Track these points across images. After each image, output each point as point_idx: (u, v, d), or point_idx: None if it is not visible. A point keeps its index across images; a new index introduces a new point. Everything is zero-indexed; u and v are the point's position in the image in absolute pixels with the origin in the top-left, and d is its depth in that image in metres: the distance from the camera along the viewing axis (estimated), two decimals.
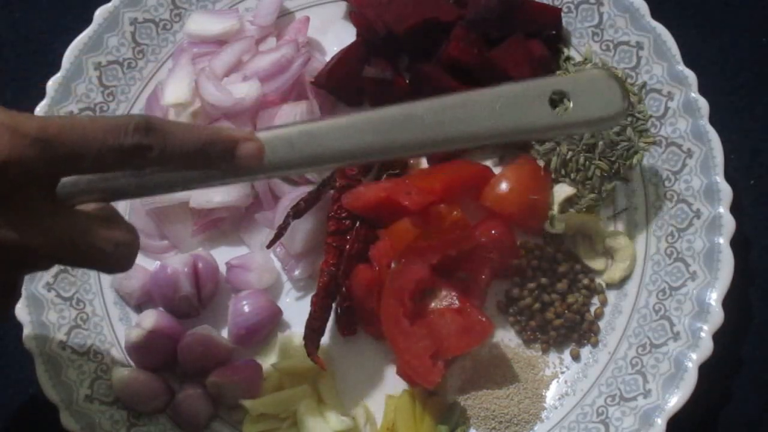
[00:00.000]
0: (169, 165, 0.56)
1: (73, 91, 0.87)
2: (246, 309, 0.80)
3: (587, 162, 0.82)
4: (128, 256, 0.57)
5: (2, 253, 0.50)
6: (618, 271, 0.80)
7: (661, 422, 0.74)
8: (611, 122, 0.65)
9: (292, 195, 0.83)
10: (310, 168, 0.73)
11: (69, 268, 0.81)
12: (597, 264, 0.81)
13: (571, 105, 0.63)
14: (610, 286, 0.81)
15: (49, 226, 0.51)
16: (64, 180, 0.55)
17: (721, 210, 0.78)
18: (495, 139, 0.65)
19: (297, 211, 0.81)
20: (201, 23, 0.89)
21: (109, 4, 0.88)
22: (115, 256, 0.55)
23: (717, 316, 0.76)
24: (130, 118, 0.53)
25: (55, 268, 0.82)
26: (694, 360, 0.75)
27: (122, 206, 0.86)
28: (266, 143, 0.59)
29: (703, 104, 0.80)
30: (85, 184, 0.56)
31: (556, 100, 0.63)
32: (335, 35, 0.90)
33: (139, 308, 0.83)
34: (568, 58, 0.85)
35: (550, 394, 0.79)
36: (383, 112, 0.63)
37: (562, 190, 0.82)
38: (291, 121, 0.79)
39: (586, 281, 0.80)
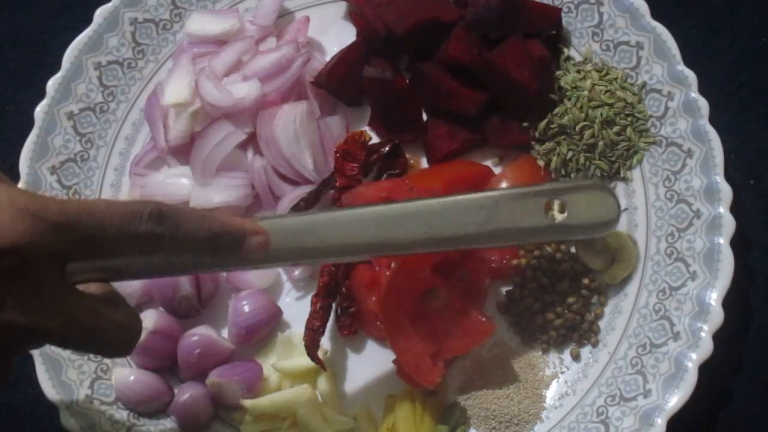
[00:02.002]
0: (178, 252, 0.56)
1: (73, 91, 0.87)
2: (246, 309, 0.80)
3: (587, 162, 0.82)
4: (130, 340, 0.56)
5: (8, 334, 0.49)
6: (618, 271, 0.80)
7: (661, 422, 0.74)
8: (604, 230, 0.70)
9: (292, 195, 0.83)
10: (315, 260, 0.74)
11: None
12: (597, 264, 0.80)
13: (566, 213, 0.67)
14: (611, 286, 0.81)
15: (59, 308, 0.51)
16: None
17: (721, 210, 0.78)
18: (492, 243, 0.69)
19: (297, 211, 0.81)
20: (201, 23, 0.89)
21: (109, 4, 0.89)
22: (118, 341, 0.55)
23: (717, 316, 0.76)
24: (144, 205, 0.53)
25: None
26: (694, 360, 0.75)
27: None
28: (273, 233, 0.61)
29: (703, 104, 0.80)
30: (89, 264, 0.56)
31: (552, 207, 0.67)
32: (335, 35, 0.90)
33: (139, 308, 0.83)
34: (568, 58, 0.85)
35: (550, 394, 0.79)
36: (386, 209, 0.65)
37: None
38: (294, 213, 0.80)
39: (586, 281, 0.80)
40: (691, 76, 0.81)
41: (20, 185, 0.84)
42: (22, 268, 0.48)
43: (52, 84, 0.87)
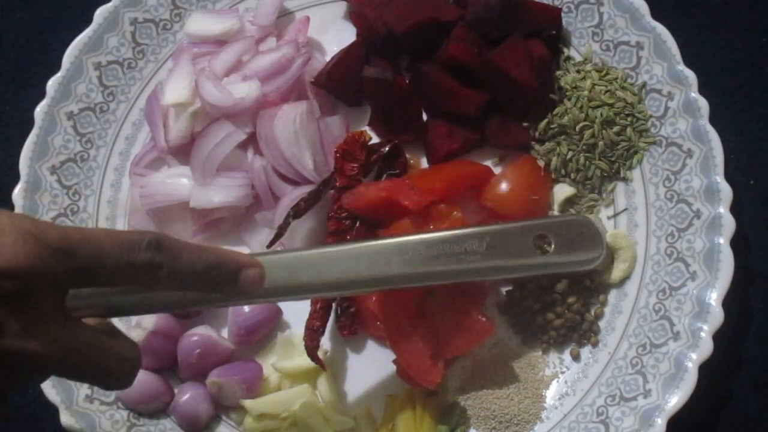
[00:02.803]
0: (175, 284, 0.56)
1: (73, 91, 0.87)
2: (246, 309, 0.80)
3: (587, 162, 0.82)
4: (130, 372, 0.56)
5: (8, 362, 0.49)
6: (618, 272, 0.80)
7: (661, 422, 0.74)
8: (590, 264, 0.71)
9: (292, 195, 0.83)
10: (310, 295, 0.75)
11: None
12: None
13: (553, 247, 0.69)
14: (611, 286, 0.81)
15: (59, 335, 0.50)
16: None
17: (721, 210, 0.78)
18: (482, 277, 0.70)
19: (297, 211, 0.81)
20: (201, 23, 0.89)
21: (109, 4, 0.89)
22: (118, 372, 0.55)
23: (717, 316, 0.76)
24: (142, 234, 0.53)
25: None
26: (694, 360, 0.75)
27: (122, 204, 0.87)
28: (267, 268, 0.60)
29: (703, 104, 0.80)
30: (87, 300, 0.56)
31: (540, 241, 0.69)
32: (335, 35, 0.90)
33: None
34: (568, 58, 0.85)
35: (550, 394, 0.79)
36: (380, 244, 0.67)
37: (562, 190, 0.82)
38: (292, 248, 0.81)
39: (586, 281, 0.80)
40: (691, 76, 0.81)
41: (20, 185, 0.84)
42: (24, 294, 0.48)
43: (52, 84, 0.87)
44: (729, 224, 0.77)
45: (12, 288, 0.47)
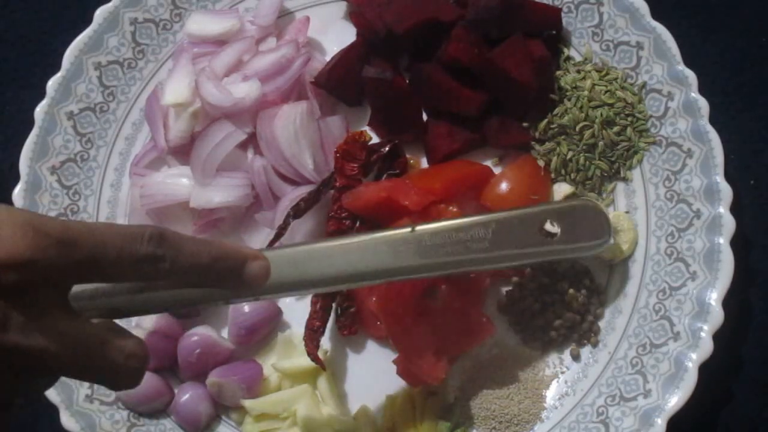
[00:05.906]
0: (178, 279, 0.54)
1: (73, 91, 0.87)
2: (246, 309, 0.80)
3: (587, 162, 0.82)
4: (139, 370, 0.54)
5: (13, 360, 0.47)
6: (618, 253, 0.80)
7: (661, 422, 0.74)
8: (597, 249, 0.70)
9: (292, 195, 0.83)
10: (315, 289, 0.74)
11: None
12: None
13: (559, 232, 0.68)
14: (610, 286, 0.81)
15: (63, 330, 0.49)
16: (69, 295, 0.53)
17: (721, 210, 0.78)
18: (489, 264, 0.69)
19: (297, 211, 0.81)
20: (201, 23, 0.89)
21: (109, 4, 0.89)
22: (125, 369, 0.53)
23: (717, 316, 0.76)
24: (144, 227, 0.52)
25: None
26: (694, 360, 0.75)
27: (122, 204, 0.87)
28: (272, 263, 0.59)
29: (703, 104, 0.80)
30: (89, 302, 0.55)
31: (546, 227, 0.68)
32: (335, 35, 0.90)
33: None
34: (568, 58, 0.85)
35: (550, 394, 0.79)
36: (386, 235, 0.66)
37: (561, 189, 0.82)
38: (296, 242, 0.81)
39: (586, 281, 0.80)
40: (691, 76, 0.81)
41: (20, 185, 0.84)
42: (26, 288, 0.47)
43: (52, 84, 0.87)
44: (729, 224, 0.77)
45: (13, 280, 0.46)
